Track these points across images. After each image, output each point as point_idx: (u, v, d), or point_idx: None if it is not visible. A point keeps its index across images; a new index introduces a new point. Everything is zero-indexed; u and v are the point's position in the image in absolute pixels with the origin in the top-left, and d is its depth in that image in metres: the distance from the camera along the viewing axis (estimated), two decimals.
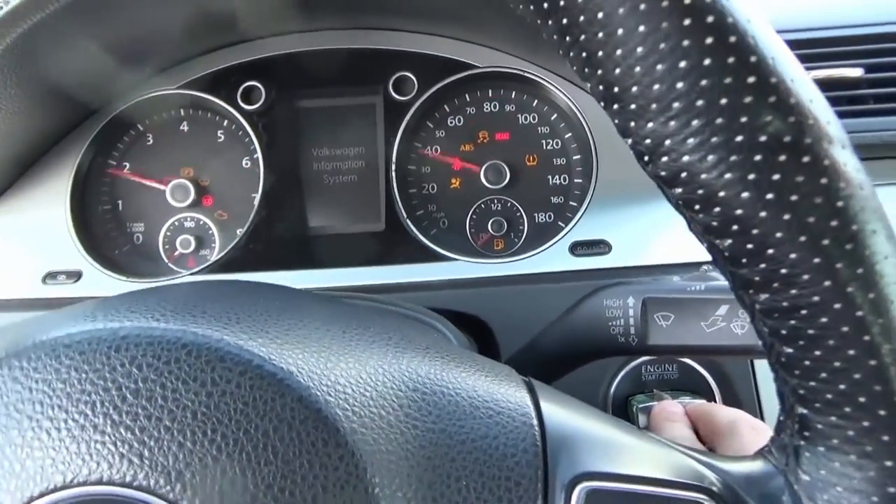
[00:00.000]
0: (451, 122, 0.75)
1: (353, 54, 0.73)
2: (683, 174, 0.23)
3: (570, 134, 0.74)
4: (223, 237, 0.75)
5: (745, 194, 0.22)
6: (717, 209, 0.23)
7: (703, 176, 0.23)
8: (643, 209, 0.67)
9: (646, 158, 0.24)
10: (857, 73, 0.64)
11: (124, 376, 0.24)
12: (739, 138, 0.22)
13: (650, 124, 0.23)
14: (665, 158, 0.23)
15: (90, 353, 0.25)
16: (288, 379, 0.25)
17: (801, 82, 0.22)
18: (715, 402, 0.61)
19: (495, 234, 0.72)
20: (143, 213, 0.75)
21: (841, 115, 0.64)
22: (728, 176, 0.22)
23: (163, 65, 0.73)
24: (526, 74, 0.72)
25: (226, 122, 0.76)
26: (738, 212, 0.23)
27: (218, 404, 0.24)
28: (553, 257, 0.67)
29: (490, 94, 0.75)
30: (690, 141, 0.22)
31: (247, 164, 0.75)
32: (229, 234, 0.74)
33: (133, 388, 0.24)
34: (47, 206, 0.72)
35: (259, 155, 0.72)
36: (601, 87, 0.24)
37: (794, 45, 0.70)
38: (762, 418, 0.59)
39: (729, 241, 0.24)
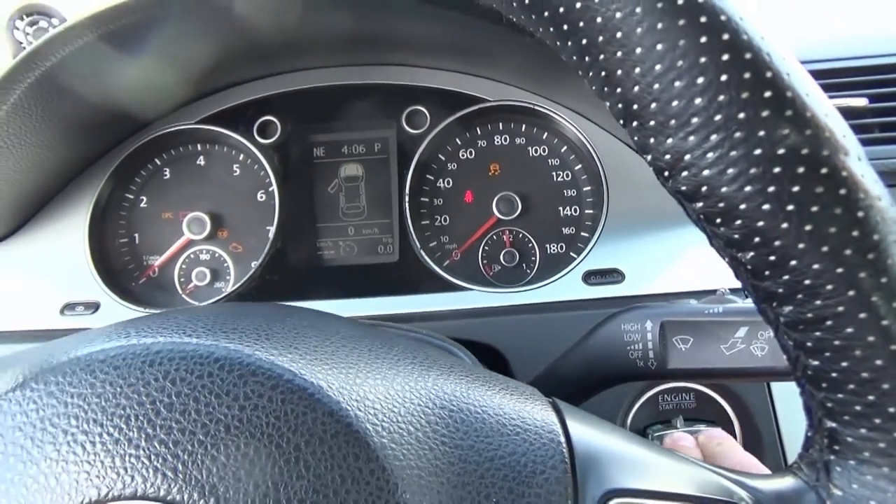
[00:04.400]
0: (463, 155, 0.76)
1: (367, 89, 0.75)
2: (704, 188, 0.24)
3: (580, 165, 0.75)
4: (238, 269, 0.75)
5: (765, 206, 0.23)
6: (739, 222, 0.23)
7: (724, 189, 0.23)
8: (655, 238, 0.68)
9: (665, 174, 0.25)
10: (862, 102, 0.65)
11: (158, 390, 0.25)
12: (758, 151, 0.22)
13: (670, 140, 0.24)
14: (685, 173, 0.24)
15: (124, 368, 0.25)
16: (318, 393, 0.25)
17: (817, 97, 0.23)
18: (734, 430, 0.61)
19: (507, 264, 0.73)
20: (160, 246, 0.76)
21: None
22: (748, 189, 0.23)
23: (185, 98, 0.75)
24: (536, 108, 0.74)
25: (241, 157, 0.77)
26: (760, 224, 0.23)
27: (250, 418, 0.24)
28: (566, 286, 0.67)
29: (501, 128, 0.76)
30: (710, 155, 0.23)
31: (262, 197, 0.77)
32: (244, 267, 0.74)
33: (167, 402, 0.25)
34: (66, 238, 0.73)
35: (274, 188, 0.74)
36: (620, 106, 0.25)
37: None
38: (782, 446, 0.58)
39: (751, 253, 0.24)
